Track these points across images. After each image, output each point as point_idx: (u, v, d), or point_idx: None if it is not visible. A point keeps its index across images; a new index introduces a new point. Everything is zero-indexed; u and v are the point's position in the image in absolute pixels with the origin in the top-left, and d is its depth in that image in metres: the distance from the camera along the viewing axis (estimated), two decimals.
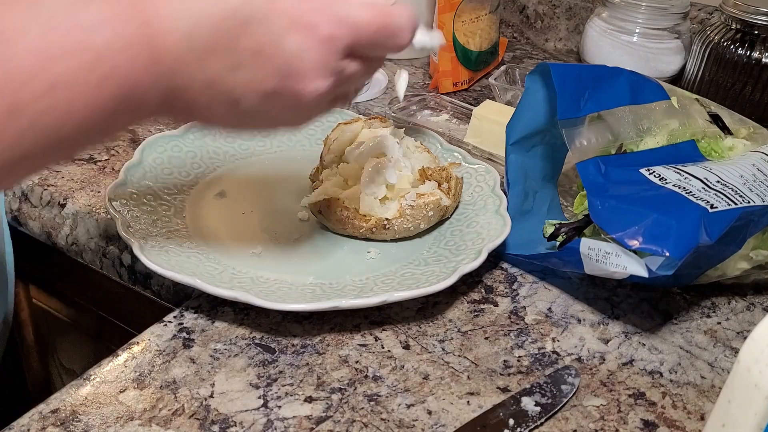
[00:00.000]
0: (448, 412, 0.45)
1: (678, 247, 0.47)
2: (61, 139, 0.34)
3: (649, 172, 0.53)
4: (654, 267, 0.48)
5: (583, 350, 0.50)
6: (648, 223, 0.48)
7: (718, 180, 0.52)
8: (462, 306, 0.53)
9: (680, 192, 0.51)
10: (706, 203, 0.49)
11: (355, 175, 0.59)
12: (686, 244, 0.47)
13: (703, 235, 0.47)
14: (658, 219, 0.48)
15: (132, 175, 0.60)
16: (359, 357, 0.48)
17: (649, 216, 0.48)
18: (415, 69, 0.91)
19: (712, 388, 0.48)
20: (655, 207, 0.49)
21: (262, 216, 0.60)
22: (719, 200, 0.50)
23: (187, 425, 0.43)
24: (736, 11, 0.75)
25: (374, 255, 0.57)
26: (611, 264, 0.49)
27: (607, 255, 0.49)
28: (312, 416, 0.44)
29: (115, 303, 0.69)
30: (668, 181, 0.52)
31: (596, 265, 0.50)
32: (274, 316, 0.51)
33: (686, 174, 0.53)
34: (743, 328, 0.53)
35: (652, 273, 0.48)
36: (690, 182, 0.52)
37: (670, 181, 0.52)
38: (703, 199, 0.50)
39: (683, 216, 0.48)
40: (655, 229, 0.48)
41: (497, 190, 0.61)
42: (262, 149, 0.68)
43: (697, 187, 0.51)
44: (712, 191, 0.51)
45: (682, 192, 0.51)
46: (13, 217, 0.65)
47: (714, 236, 0.47)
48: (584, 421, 0.45)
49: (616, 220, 0.49)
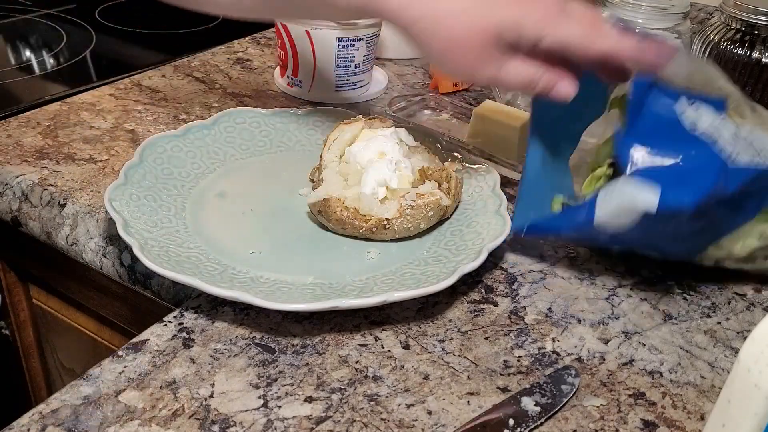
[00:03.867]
0: (448, 412, 0.45)
1: (693, 191, 0.48)
2: None
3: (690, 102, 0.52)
4: (669, 200, 0.48)
5: (583, 350, 0.50)
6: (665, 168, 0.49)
7: (750, 133, 0.52)
8: (462, 306, 0.53)
9: (707, 140, 0.50)
10: (728, 155, 0.50)
11: (355, 175, 0.59)
12: (701, 188, 0.48)
13: (720, 183, 0.48)
14: (678, 166, 0.49)
15: (132, 175, 0.60)
16: (359, 357, 0.48)
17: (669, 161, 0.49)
18: (415, 69, 0.91)
19: (712, 388, 0.48)
20: (677, 152, 0.50)
21: (262, 216, 0.60)
22: (745, 151, 0.50)
23: (187, 425, 0.43)
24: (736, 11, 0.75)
25: (374, 255, 0.57)
26: (624, 194, 0.48)
27: (623, 185, 0.49)
28: (312, 416, 0.44)
29: (115, 303, 0.69)
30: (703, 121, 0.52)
31: (608, 202, 0.49)
32: (274, 316, 0.51)
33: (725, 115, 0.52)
34: (743, 328, 0.53)
35: (665, 205, 0.47)
36: (725, 124, 0.51)
37: (704, 122, 0.51)
38: (725, 151, 0.50)
39: (702, 164, 0.49)
40: (672, 172, 0.49)
41: (497, 190, 0.61)
42: (262, 149, 0.68)
43: (729, 132, 0.51)
44: (741, 141, 0.51)
45: (709, 141, 0.50)
46: (13, 217, 0.65)
47: (729, 188, 0.49)
48: (584, 421, 0.45)
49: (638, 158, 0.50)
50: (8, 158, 0.67)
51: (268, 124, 0.70)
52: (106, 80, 0.84)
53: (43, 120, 0.74)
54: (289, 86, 0.82)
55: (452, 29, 0.48)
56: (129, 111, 0.76)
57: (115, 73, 0.86)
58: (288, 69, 0.81)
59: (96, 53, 0.96)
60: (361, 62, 0.80)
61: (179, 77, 0.84)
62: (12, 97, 0.83)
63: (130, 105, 0.77)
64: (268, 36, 0.97)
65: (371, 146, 0.60)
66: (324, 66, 0.79)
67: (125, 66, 0.90)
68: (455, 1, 0.49)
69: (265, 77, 0.86)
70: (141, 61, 0.93)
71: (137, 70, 0.87)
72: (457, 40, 0.49)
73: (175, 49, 0.96)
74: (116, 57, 0.96)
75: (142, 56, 0.96)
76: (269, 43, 0.95)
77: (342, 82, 0.81)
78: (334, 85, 0.81)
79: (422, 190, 0.58)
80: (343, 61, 0.79)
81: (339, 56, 0.79)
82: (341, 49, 0.78)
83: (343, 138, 0.62)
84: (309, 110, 0.72)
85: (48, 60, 0.94)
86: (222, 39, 0.96)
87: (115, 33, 1.03)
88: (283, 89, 0.83)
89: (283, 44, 0.80)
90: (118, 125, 0.73)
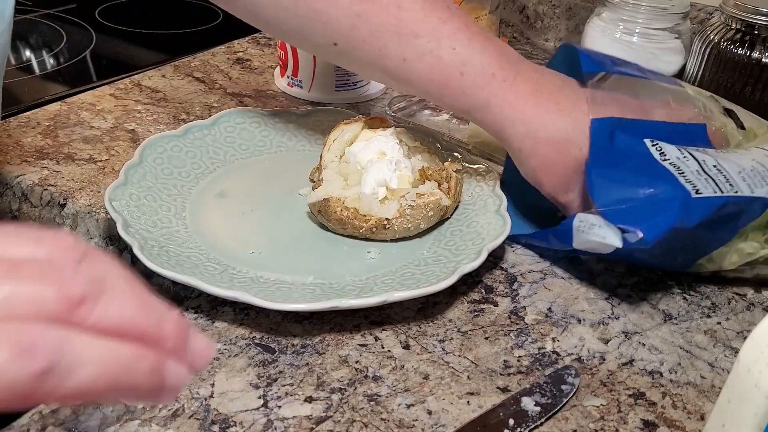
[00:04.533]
0: (448, 412, 0.45)
1: (652, 229, 0.48)
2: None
3: (652, 143, 0.54)
4: (631, 240, 0.49)
5: (583, 350, 0.50)
6: (631, 201, 0.50)
7: (715, 165, 0.52)
8: (462, 306, 0.53)
9: (673, 171, 0.51)
10: (693, 187, 0.50)
11: (355, 175, 0.59)
12: (661, 226, 0.48)
13: (681, 219, 0.48)
14: (642, 199, 0.50)
15: (132, 175, 0.60)
16: (359, 357, 0.48)
17: (635, 194, 0.50)
18: None
19: (712, 388, 0.48)
20: (644, 184, 0.51)
21: (262, 216, 0.60)
22: (708, 186, 0.50)
23: (187, 425, 0.43)
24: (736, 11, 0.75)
25: (374, 255, 0.57)
26: (594, 234, 0.51)
27: (592, 226, 0.51)
28: (312, 416, 0.44)
29: None
30: (667, 157, 0.52)
31: (582, 236, 0.52)
32: (274, 316, 0.51)
33: (687, 153, 0.53)
34: (743, 328, 0.53)
35: (628, 244, 0.49)
36: (687, 162, 0.52)
37: (669, 157, 0.52)
38: (691, 183, 0.50)
39: (666, 198, 0.50)
40: (637, 207, 0.50)
41: (497, 190, 0.61)
42: (262, 149, 0.68)
43: (692, 168, 0.52)
44: (704, 176, 0.51)
45: (675, 172, 0.51)
46: (13, 217, 0.65)
47: (693, 221, 0.49)
48: (584, 421, 0.45)
49: (605, 191, 0.51)
50: (8, 158, 0.67)
51: (268, 124, 0.70)
52: (106, 80, 0.84)
53: (43, 120, 0.74)
54: (289, 86, 0.82)
55: (547, 156, 0.55)
56: (129, 111, 0.76)
57: (115, 73, 0.86)
58: (288, 69, 0.81)
59: (96, 53, 0.96)
60: None
61: (179, 77, 0.84)
62: (12, 97, 0.83)
63: (130, 105, 0.77)
64: (268, 36, 0.97)
65: (371, 146, 0.60)
66: (324, 66, 0.79)
67: (125, 66, 0.90)
68: (554, 131, 0.54)
69: (265, 77, 0.86)
70: (141, 61, 0.93)
71: (137, 70, 0.87)
72: (549, 166, 0.56)
73: (175, 49, 0.96)
74: (116, 57, 0.96)
75: (142, 56, 0.96)
76: (269, 43, 0.95)
77: (342, 82, 0.81)
78: (334, 85, 0.81)
79: (422, 190, 0.58)
80: None
81: None
82: None
83: (343, 138, 0.62)
84: (309, 110, 0.72)
85: (48, 60, 0.94)
86: (222, 39, 0.96)
87: (115, 33, 1.03)
88: (283, 89, 0.83)
89: (283, 44, 0.80)
90: (118, 125, 0.73)
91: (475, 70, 0.54)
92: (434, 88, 0.56)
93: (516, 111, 0.55)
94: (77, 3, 1.12)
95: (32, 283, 0.24)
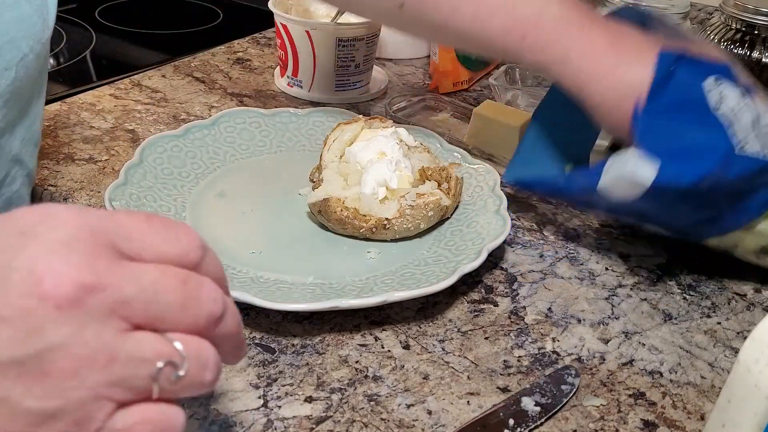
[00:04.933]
0: (448, 412, 0.45)
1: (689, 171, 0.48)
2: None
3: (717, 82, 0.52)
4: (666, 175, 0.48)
5: (583, 350, 0.50)
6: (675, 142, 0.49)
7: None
8: (462, 306, 0.53)
9: (723, 122, 0.50)
10: (739, 142, 0.49)
11: (355, 175, 0.59)
12: (699, 169, 0.48)
13: (720, 169, 0.48)
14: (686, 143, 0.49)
15: (132, 175, 0.60)
16: (359, 357, 0.48)
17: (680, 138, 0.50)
18: (415, 69, 0.91)
19: (712, 388, 0.48)
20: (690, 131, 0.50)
21: (262, 216, 0.60)
22: (756, 142, 0.50)
23: (187, 425, 0.42)
24: (736, 11, 0.75)
25: (374, 255, 0.57)
26: (627, 169, 0.49)
27: (627, 160, 0.50)
28: (312, 416, 0.44)
29: None
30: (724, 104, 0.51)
31: (613, 171, 0.50)
32: (274, 316, 0.51)
33: (749, 101, 0.52)
34: (743, 328, 0.53)
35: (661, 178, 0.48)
36: (743, 112, 0.51)
37: (726, 104, 0.51)
38: (738, 137, 0.50)
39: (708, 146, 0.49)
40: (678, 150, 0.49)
41: (497, 190, 0.61)
42: (262, 149, 0.68)
43: (746, 120, 0.51)
44: (756, 131, 0.50)
45: (725, 123, 0.50)
46: None
47: (731, 174, 0.48)
48: (584, 421, 0.45)
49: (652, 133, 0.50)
50: None
51: (268, 124, 0.70)
52: (106, 80, 0.84)
53: (43, 120, 0.74)
54: (289, 86, 0.82)
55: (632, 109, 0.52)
56: (129, 111, 0.76)
57: (115, 73, 0.86)
58: (288, 69, 0.81)
59: (96, 53, 0.96)
60: (361, 62, 0.80)
61: (179, 77, 0.84)
62: None
63: (130, 105, 0.77)
64: (268, 36, 0.97)
65: (371, 146, 0.60)
66: (324, 66, 0.79)
67: (125, 66, 0.90)
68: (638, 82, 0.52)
69: (265, 77, 0.86)
70: (141, 61, 0.93)
71: (137, 70, 0.87)
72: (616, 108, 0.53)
73: (175, 49, 0.96)
74: (116, 57, 0.96)
75: (142, 56, 0.96)
76: (269, 43, 0.95)
77: (342, 82, 0.81)
78: (334, 85, 0.81)
79: (422, 190, 0.58)
80: (343, 61, 0.79)
81: (339, 56, 0.79)
82: (341, 49, 0.78)
83: (343, 138, 0.62)
84: (309, 110, 0.72)
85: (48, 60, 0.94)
86: (222, 39, 0.96)
87: (115, 33, 1.03)
88: (283, 89, 0.83)
89: (283, 44, 0.80)
90: (118, 125, 0.73)
91: (552, 18, 0.53)
92: (511, 42, 0.54)
93: (596, 65, 0.53)
94: (77, 3, 1.12)
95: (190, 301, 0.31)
